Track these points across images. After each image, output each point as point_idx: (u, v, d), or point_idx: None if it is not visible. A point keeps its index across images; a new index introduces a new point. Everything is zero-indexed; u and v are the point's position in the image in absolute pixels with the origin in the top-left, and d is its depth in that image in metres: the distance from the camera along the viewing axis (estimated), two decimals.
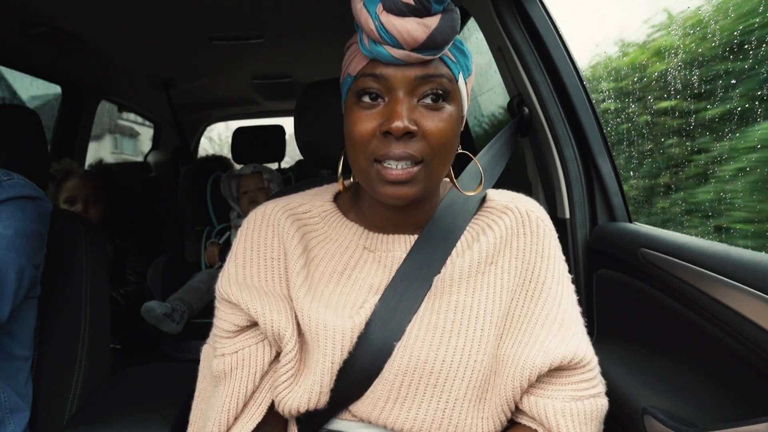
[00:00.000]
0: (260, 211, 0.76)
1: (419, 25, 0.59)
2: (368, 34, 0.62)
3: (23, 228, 0.91)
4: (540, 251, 0.73)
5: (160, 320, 1.91)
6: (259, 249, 0.72)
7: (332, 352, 0.65)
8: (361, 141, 0.63)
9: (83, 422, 1.00)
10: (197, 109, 3.72)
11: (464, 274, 0.69)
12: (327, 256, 0.73)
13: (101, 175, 2.10)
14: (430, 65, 0.62)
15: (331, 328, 0.65)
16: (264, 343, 0.70)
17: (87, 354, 1.10)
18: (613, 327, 1.09)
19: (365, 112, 0.63)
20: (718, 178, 1.20)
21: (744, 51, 1.08)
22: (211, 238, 2.43)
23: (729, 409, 0.77)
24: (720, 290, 0.75)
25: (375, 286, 0.71)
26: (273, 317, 0.66)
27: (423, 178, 0.64)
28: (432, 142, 0.62)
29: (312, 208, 0.77)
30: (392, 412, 0.66)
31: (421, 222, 0.74)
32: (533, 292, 0.71)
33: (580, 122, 1.17)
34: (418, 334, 0.67)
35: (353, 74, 0.66)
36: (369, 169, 0.64)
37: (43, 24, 1.75)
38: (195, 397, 0.77)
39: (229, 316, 0.70)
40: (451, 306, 0.68)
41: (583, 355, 0.69)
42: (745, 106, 1.09)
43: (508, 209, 0.75)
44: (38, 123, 1.13)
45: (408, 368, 0.66)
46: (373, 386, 0.67)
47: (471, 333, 0.67)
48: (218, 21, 1.90)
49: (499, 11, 1.23)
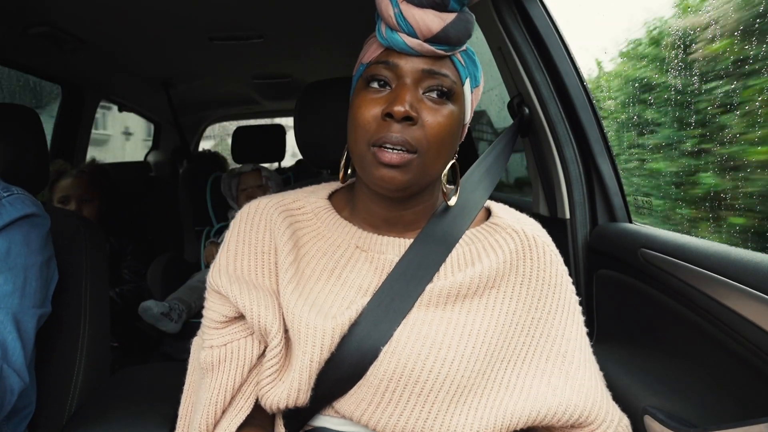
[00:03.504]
0: (253, 205, 0.77)
1: (436, 17, 0.62)
2: (386, 21, 0.64)
3: (35, 246, 0.90)
4: (547, 279, 0.72)
5: (158, 319, 1.90)
6: (250, 242, 0.73)
7: (311, 351, 0.65)
8: (363, 124, 0.65)
9: (83, 421, 1.00)
10: (197, 109, 3.72)
11: (461, 293, 0.69)
12: (318, 254, 0.73)
13: (94, 174, 2.09)
14: (440, 62, 0.65)
15: (313, 327, 0.65)
16: (253, 337, 0.70)
17: (87, 353, 1.10)
18: (613, 327, 1.09)
19: (372, 96, 0.66)
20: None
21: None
22: (211, 237, 2.43)
23: (729, 409, 0.77)
24: (720, 291, 0.75)
25: (364, 287, 0.70)
26: (260, 312, 0.67)
27: (415, 167, 0.65)
28: (429, 134, 0.64)
29: (306, 205, 0.77)
30: (374, 415, 0.66)
31: (414, 224, 0.74)
32: (538, 320, 0.71)
33: (580, 122, 1.17)
34: (407, 342, 0.66)
35: (366, 62, 0.68)
36: (366, 152, 0.65)
37: (43, 24, 1.75)
38: (184, 390, 0.77)
39: (218, 307, 0.71)
40: (444, 320, 0.68)
41: (598, 411, 0.69)
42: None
43: (515, 232, 0.74)
44: (38, 123, 1.13)
45: (394, 374, 0.65)
46: (358, 387, 0.67)
47: (462, 348, 0.66)
48: (218, 21, 1.90)
49: (499, 11, 1.23)
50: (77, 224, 1.17)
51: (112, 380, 1.14)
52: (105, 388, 1.11)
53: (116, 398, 1.07)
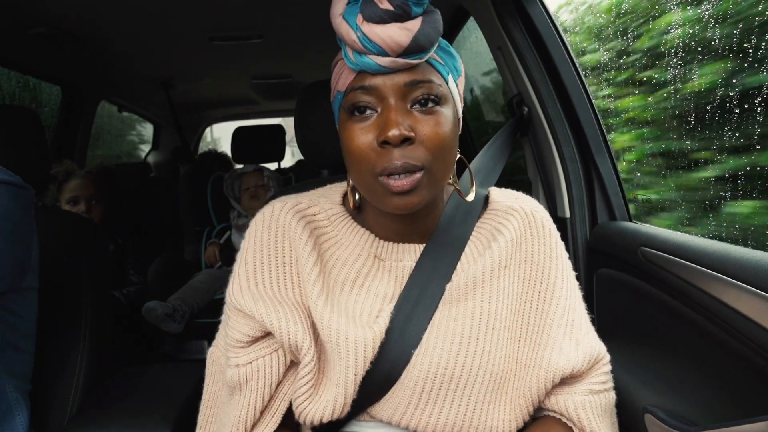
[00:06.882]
0: (268, 211, 0.73)
1: (402, 30, 0.59)
2: (351, 46, 0.61)
3: (3, 210, 0.87)
4: (548, 252, 0.73)
5: (161, 320, 1.91)
6: (269, 253, 0.70)
7: (355, 364, 0.64)
8: (361, 155, 0.62)
9: (84, 422, 1.00)
10: (197, 109, 3.72)
11: (478, 280, 0.69)
12: (339, 263, 0.71)
13: (102, 176, 2.11)
14: (418, 70, 0.62)
15: (353, 339, 0.64)
16: (278, 353, 0.68)
17: (88, 354, 1.10)
18: (614, 326, 1.09)
19: (360, 125, 0.63)
20: None
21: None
22: (212, 238, 2.44)
23: (729, 407, 0.77)
24: (720, 289, 0.75)
25: (389, 295, 0.70)
26: (290, 329, 0.65)
27: (426, 184, 0.63)
28: (430, 147, 0.62)
29: (320, 211, 0.74)
30: (414, 416, 0.67)
31: (428, 230, 0.74)
32: (545, 293, 0.72)
33: (579, 121, 1.17)
34: (437, 342, 0.67)
35: (342, 90, 0.65)
36: (373, 183, 0.63)
37: (43, 24, 1.75)
38: (203, 400, 0.76)
39: (242, 327, 0.68)
40: (468, 313, 0.68)
41: (597, 353, 0.72)
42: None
43: (514, 210, 0.75)
44: (39, 124, 1.13)
45: (428, 375, 0.66)
46: (394, 392, 0.67)
47: (489, 338, 0.67)
48: (218, 21, 1.90)
49: (498, 10, 1.23)
50: (78, 225, 1.17)
51: (113, 380, 1.14)
52: (106, 388, 1.11)
53: (117, 398, 1.07)
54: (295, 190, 0.88)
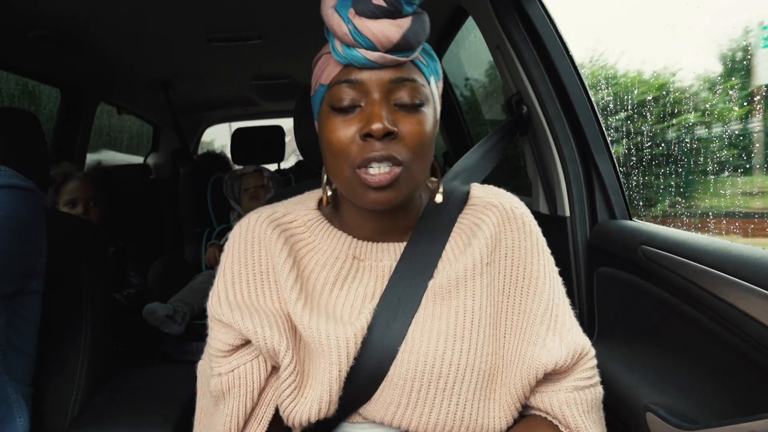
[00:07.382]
0: (244, 223, 0.75)
1: (393, 26, 0.60)
2: (341, 39, 0.62)
3: (15, 213, 0.89)
4: (529, 248, 0.74)
5: (162, 322, 1.91)
6: (246, 263, 0.71)
7: (338, 361, 0.65)
8: (342, 148, 0.63)
9: (85, 423, 1.00)
10: (197, 111, 3.72)
11: (461, 278, 0.70)
12: (317, 267, 0.72)
13: (100, 178, 2.10)
14: (404, 68, 0.63)
15: (334, 337, 0.65)
16: (259, 359, 0.69)
17: (89, 356, 1.10)
18: (614, 324, 1.09)
19: (341, 118, 0.64)
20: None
21: None
22: (212, 239, 2.44)
23: (730, 405, 0.77)
24: (721, 287, 0.75)
25: (369, 294, 0.71)
26: (266, 334, 0.66)
27: (403, 180, 0.64)
28: (411, 145, 0.63)
29: (297, 218, 0.76)
30: (405, 416, 0.67)
31: (407, 228, 0.75)
32: (527, 288, 0.72)
33: (579, 120, 1.17)
34: (422, 340, 0.67)
35: (326, 83, 0.66)
36: (351, 176, 0.64)
37: (42, 26, 1.75)
38: (196, 414, 0.77)
39: (222, 336, 0.69)
40: (452, 311, 0.69)
41: (582, 348, 0.71)
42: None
43: (492, 205, 0.75)
44: (38, 126, 1.13)
45: (416, 373, 0.66)
46: (383, 390, 0.67)
47: (475, 336, 0.67)
48: (217, 22, 1.90)
49: (497, 10, 1.23)
50: (78, 227, 1.18)
51: (113, 382, 1.14)
52: (106, 391, 1.11)
53: (118, 400, 1.07)
54: (295, 189, 0.88)
